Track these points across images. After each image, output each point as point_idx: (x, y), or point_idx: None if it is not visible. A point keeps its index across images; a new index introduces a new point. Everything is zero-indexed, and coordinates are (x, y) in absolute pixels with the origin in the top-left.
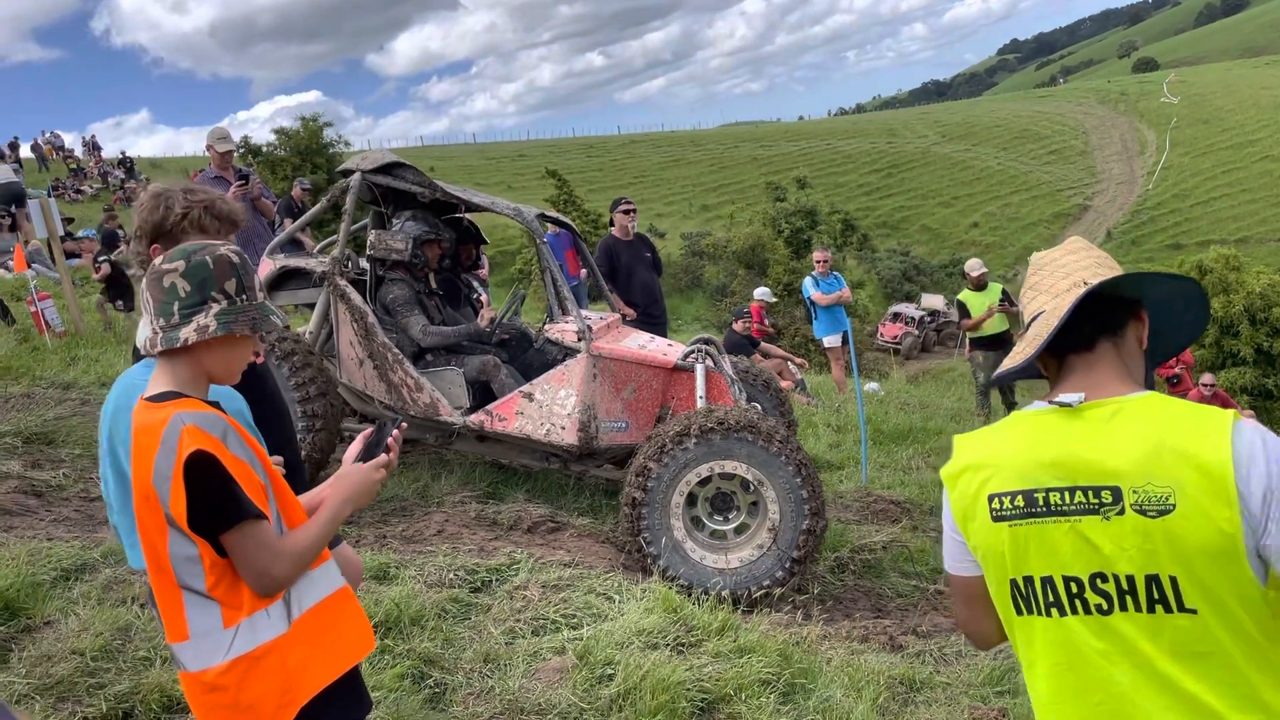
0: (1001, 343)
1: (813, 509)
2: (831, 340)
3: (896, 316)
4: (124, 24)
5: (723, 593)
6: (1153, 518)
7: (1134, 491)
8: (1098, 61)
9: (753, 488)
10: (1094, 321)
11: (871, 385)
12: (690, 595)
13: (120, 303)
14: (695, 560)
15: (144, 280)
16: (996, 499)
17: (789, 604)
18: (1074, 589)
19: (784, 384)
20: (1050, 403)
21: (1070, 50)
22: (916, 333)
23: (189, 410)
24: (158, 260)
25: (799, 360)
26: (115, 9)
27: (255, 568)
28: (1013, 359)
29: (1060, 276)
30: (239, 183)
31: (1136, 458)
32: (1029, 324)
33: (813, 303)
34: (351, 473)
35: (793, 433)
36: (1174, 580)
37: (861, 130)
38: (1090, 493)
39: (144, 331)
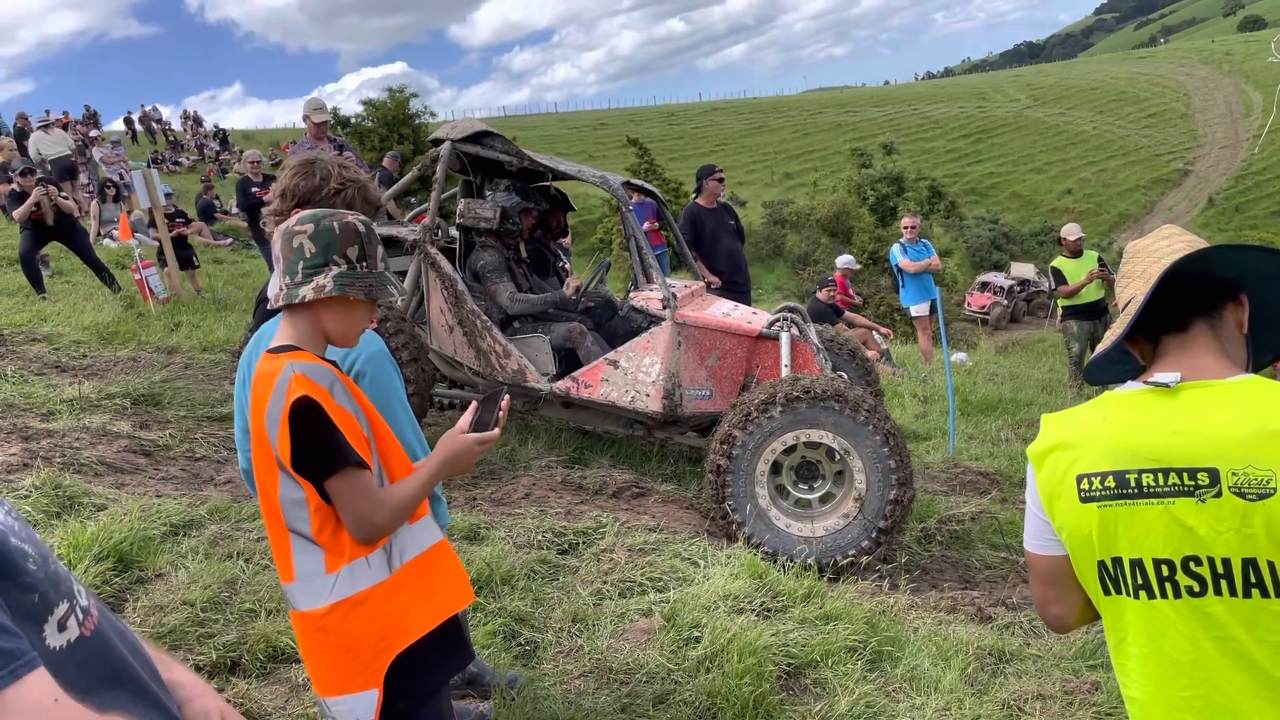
0: (1096, 312)
1: (900, 479)
2: (919, 309)
3: (985, 286)
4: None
5: (808, 560)
6: (1252, 501)
7: (1233, 474)
8: (1201, 20)
9: (838, 457)
10: (1187, 302)
11: (959, 355)
12: (775, 562)
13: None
14: (780, 528)
15: (277, 238)
16: (1085, 479)
17: (875, 573)
18: (1164, 572)
19: (869, 353)
20: (1145, 383)
21: (1172, 8)
22: (1005, 302)
23: (301, 360)
24: (290, 221)
25: (884, 330)
26: None
27: (357, 514)
28: (1103, 344)
29: (1151, 262)
30: (335, 154)
31: (1237, 440)
32: (1123, 311)
33: (900, 270)
34: (457, 439)
35: (879, 402)
36: (1271, 565)
37: (950, 94)
38: (1185, 474)
39: (274, 286)
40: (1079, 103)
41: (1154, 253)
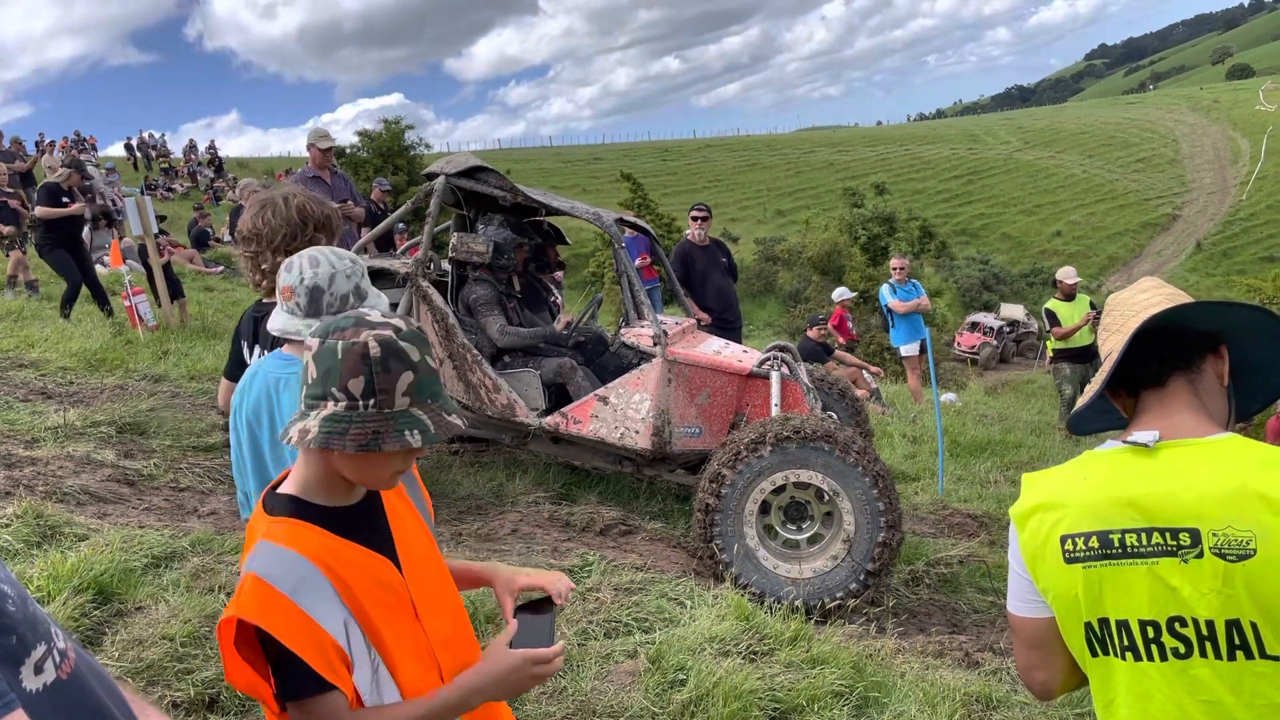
0: (1088, 355)
1: (889, 521)
2: (909, 349)
3: (974, 326)
4: (216, 29)
5: (795, 602)
6: (1232, 562)
7: (1213, 534)
8: (1190, 68)
9: (828, 498)
10: (1163, 357)
11: (948, 396)
12: (762, 604)
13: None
14: (768, 569)
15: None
16: (1069, 540)
17: (863, 616)
18: (1150, 633)
19: (859, 392)
20: (1124, 442)
21: (1161, 56)
22: (995, 343)
23: (271, 546)
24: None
25: (874, 369)
26: (208, 14)
27: None
28: (1082, 399)
29: (1130, 315)
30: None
31: (1217, 500)
32: (1104, 364)
33: (890, 311)
34: (504, 657)
35: (869, 443)
36: (1255, 626)
37: (942, 136)
38: (1168, 534)
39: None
40: (1069, 146)
41: (1132, 306)
